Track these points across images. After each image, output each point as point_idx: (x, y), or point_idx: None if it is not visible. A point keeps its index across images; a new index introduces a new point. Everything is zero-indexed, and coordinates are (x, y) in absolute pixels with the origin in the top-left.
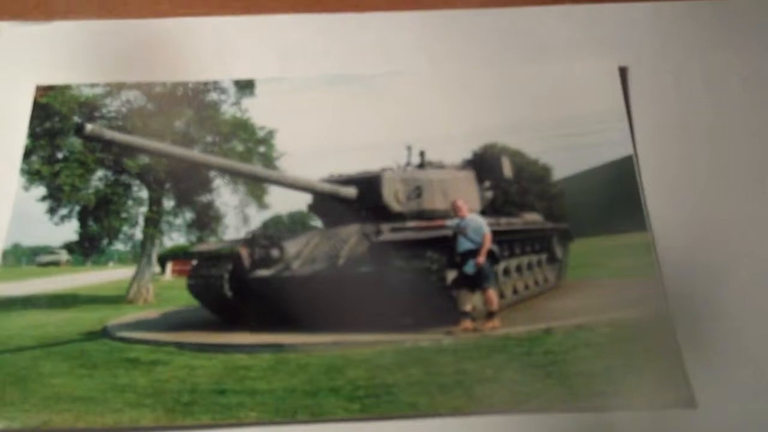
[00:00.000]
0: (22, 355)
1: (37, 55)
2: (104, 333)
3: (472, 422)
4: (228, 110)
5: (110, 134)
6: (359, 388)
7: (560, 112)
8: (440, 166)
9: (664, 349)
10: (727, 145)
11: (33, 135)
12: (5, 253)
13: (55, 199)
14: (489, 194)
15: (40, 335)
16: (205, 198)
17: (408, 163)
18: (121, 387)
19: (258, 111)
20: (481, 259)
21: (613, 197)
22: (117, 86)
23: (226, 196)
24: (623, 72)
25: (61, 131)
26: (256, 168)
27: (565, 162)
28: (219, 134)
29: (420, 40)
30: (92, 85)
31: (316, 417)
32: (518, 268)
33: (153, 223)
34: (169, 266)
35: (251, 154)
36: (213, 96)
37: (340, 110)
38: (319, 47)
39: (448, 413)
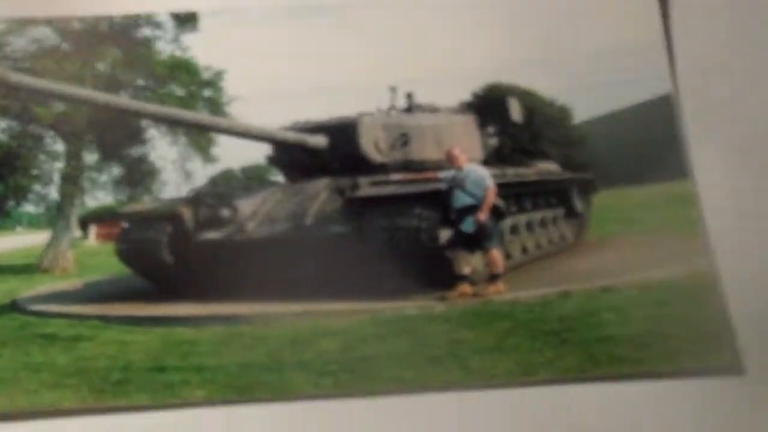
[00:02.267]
0: None
1: None
2: (13, 306)
3: (468, 398)
4: (164, 48)
5: (16, 78)
6: (331, 362)
7: (581, 45)
8: (432, 109)
9: (707, 312)
10: None
11: None
12: None
13: None
14: (493, 141)
15: None
16: (136, 151)
17: (392, 107)
18: (36, 366)
19: (202, 49)
20: (483, 215)
21: (647, 142)
22: (21, 22)
23: (162, 149)
24: (663, 1)
25: None
26: (201, 115)
27: (587, 103)
28: (153, 77)
29: None
30: None
31: (280, 394)
32: (528, 225)
33: (71, 180)
34: (93, 230)
35: (194, 99)
36: (145, 32)
37: (304, 47)
38: None
39: (440, 388)
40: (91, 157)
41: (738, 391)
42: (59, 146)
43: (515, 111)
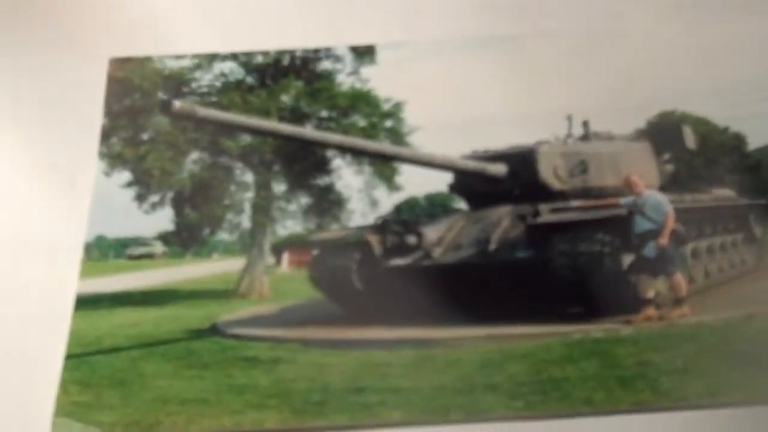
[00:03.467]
0: (118, 357)
1: (109, 23)
2: (213, 330)
3: (659, 419)
4: (345, 81)
5: (203, 112)
6: (522, 384)
7: (754, 74)
8: (608, 137)
9: None
10: None
11: (110, 114)
12: (88, 246)
13: (143, 184)
14: (669, 168)
15: (137, 334)
16: (322, 181)
17: (569, 135)
18: (239, 387)
19: (381, 81)
20: (663, 240)
21: None
22: (208, 57)
23: (348, 178)
24: None
25: (143, 109)
26: (384, 145)
27: (761, 130)
28: (336, 108)
29: None
30: (177, 57)
31: (473, 416)
32: (709, 250)
33: (262, 209)
34: (286, 256)
35: (376, 129)
36: (325, 65)
37: (478, 78)
38: (449, 4)
39: (630, 409)
40: (279, 187)
41: None
42: (248, 177)
43: (689, 138)
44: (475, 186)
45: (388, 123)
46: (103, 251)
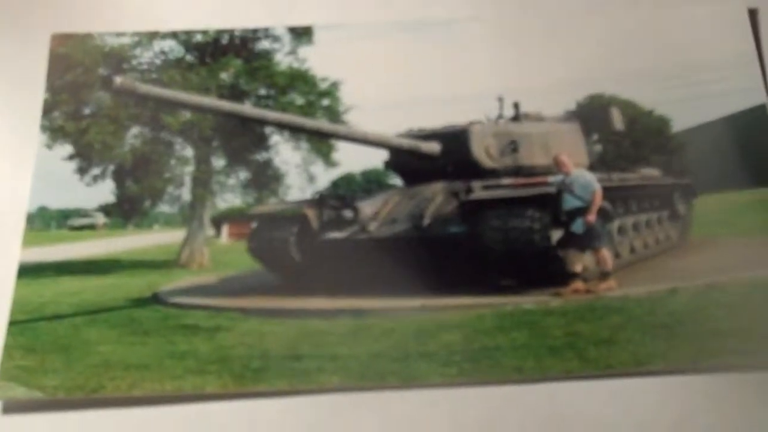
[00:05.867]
0: (61, 323)
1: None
2: (155, 299)
3: (586, 386)
4: (282, 60)
5: (144, 88)
6: (455, 352)
7: (678, 60)
8: (539, 118)
9: None
10: None
11: (52, 88)
12: (30, 217)
13: (85, 158)
14: (597, 148)
15: (79, 302)
16: (261, 156)
17: (500, 116)
18: (180, 354)
19: (318, 61)
20: (591, 217)
21: (743, 150)
22: (148, 35)
23: (286, 154)
24: (753, 14)
25: (85, 85)
26: (321, 123)
27: (684, 113)
28: (274, 86)
29: None
30: (118, 35)
31: (408, 382)
32: (635, 226)
33: (202, 183)
34: (225, 228)
35: (313, 107)
36: (264, 44)
37: (413, 60)
38: None
39: (559, 377)
40: (219, 162)
41: None
42: (189, 152)
43: (617, 120)
44: (409, 163)
45: (325, 101)
46: (45, 222)
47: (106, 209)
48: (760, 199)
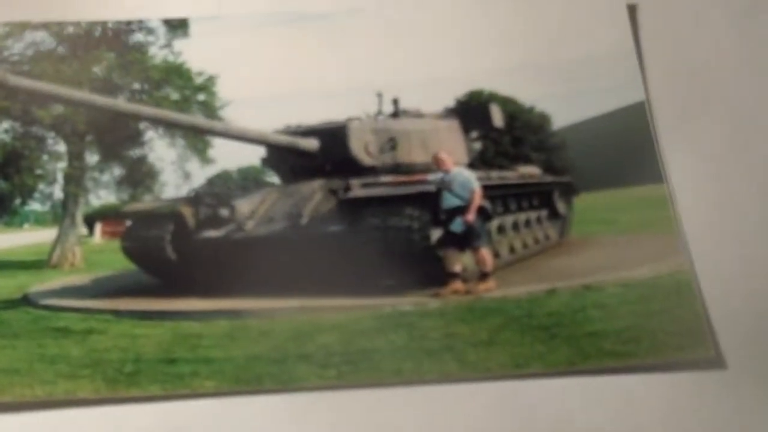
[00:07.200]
0: None
1: None
2: (25, 300)
3: (464, 389)
4: (157, 53)
5: (14, 80)
6: (333, 354)
7: (557, 55)
8: (418, 115)
9: (687, 308)
10: (753, 86)
11: None
12: None
13: None
14: (477, 146)
15: None
16: (135, 152)
17: (379, 112)
18: (51, 357)
19: (193, 54)
20: (471, 216)
21: (623, 147)
22: (19, 26)
23: (161, 150)
24: (632, 9)
25: None
26: (197, 118)
27: (565, 110)
28: (148, 81)
29: None
30: None
31: (286, 384)
32: (515, 226)
33: (74, 179)
34: (99, 227)
35: (189, 102)
36: (138, 37)
37: (292, 53)
38: None
39: (437, 380)
40: (92, 158)
41: (720, 384)
42: (61, 147)
43: (497, 116)
44: (287, 160)
45: (201, 96)
46: None
47: None
48: (639, 197)
